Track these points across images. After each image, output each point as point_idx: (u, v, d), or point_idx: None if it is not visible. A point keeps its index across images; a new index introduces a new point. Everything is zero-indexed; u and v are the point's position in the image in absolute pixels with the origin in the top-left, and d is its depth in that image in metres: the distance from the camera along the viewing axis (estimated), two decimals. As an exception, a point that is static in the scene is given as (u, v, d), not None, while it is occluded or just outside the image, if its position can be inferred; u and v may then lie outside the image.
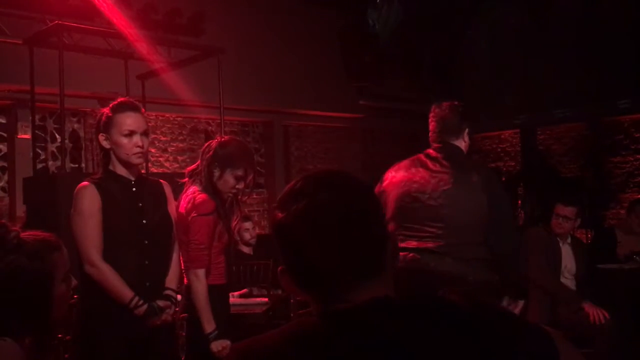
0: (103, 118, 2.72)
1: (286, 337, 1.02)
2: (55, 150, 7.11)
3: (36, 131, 6.22)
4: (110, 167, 2.75)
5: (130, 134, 2.68)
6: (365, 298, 1.03)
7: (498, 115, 10.47)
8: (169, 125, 7.98)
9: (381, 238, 1.11)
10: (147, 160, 6.88)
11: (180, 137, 8.11)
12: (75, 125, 7.38)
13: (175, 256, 2.85)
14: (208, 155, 2.94)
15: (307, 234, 1.07)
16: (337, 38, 8.95)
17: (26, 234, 1.79)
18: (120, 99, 2.79)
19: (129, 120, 2.69)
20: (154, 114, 7.58)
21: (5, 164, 6.87)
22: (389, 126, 10.29)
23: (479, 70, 10.49)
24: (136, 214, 2.71)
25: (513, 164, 10.97)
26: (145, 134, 2.74)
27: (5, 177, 6.86)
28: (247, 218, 5.69)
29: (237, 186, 2.96)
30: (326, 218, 1.07)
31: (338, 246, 1.06)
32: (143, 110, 2.81)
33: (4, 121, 6.87)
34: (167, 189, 2.93)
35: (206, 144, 3.03)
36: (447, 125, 3.10)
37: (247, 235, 5.65)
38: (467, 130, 3.14)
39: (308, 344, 1.00)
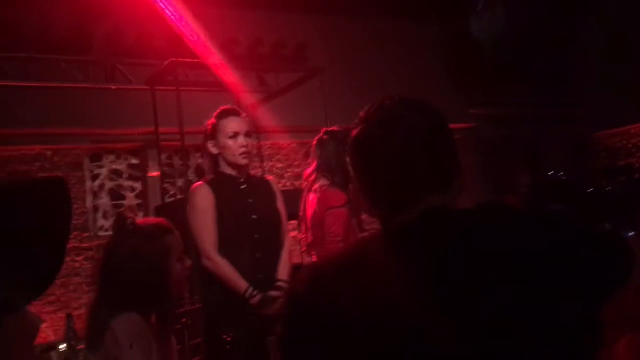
0: (209, 126, 2.95)
1: (352, 254, 1.10)
2: (182, 184, 7.65)
3: (164, 168, 6.76)
4: (220, 169, 2.96)
5: (235, 135, 2.90)
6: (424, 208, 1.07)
7: (624, 108, 9.87)
8: (283, 152, 8.33)
9: (447, 159, 1.14)
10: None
11: (295, 163, 8.42)
12: (199, 160, 7.90)
13: (285, 250, 2.97)
14: (332, 147, 2.99)
15: (381, 144, 1.13)
16: (441, 49, 8.94)
17: (141, 220, 2.01)
18: (222, 107, 3.01)
19: (232, 124, 2.92)
20: (268, 143, 7.95)
21: (140, 201, 7.49)
22: (503, 133, 10.02)
23: (597, 62, 9.98)
24: (246, 209, 2.89)
25: (646, 159, 10.25)
26: (248, 134, 2.95)
27: (141, 214, 7.46)
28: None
29: None
30: (395, 132, 1.13)
31: (404, 159, 1.11)
32: (242, 114, 3.02)
33: (137, 162, 7.52)
34: (276, 186, 3.10)
35: (315, 141, 3.10)
36: None
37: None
38: None
39: (371, 257, 1.07)
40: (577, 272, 0.99)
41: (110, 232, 6.90)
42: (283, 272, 2.91)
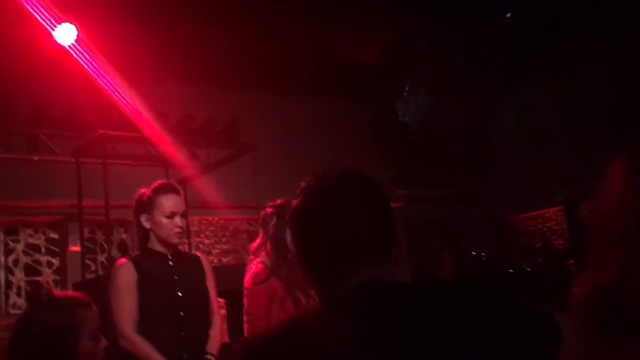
0: (144, 199, 2.86)
1: (288, 325, 1.08)
2: (104, 260, 7.36)
3: (85, 243, 6.50)
4: (149, 245, 2.87)
5: (172, 215, 2.82)
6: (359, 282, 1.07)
7: (538, 194, 10.41)
8: (212, 229, 8.21)
9: (385, 231, 1.15)
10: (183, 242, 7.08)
11: (224, 239, 8.31)
12: (123, 235, 7.67)
13: (214, 328, 2.87)
14: (274, 222, 2.91)
15: (319, 215, 1.14)
16: (370, 130, 9.24)
17: (58, 292, 1.91)
18: (160, 182, 2.94)
19: (171, 202, 2.83)
20: (197, 218, 7.83)
21: (57, 278, 7.13)
22: (427, 213, 10.30)
23: (513, 151, 10.55)
24: (171, 286, 2.78)
25: (561, 241, 10.73)
26: (184, 215, 2.89)
27: (58, 289, 7.08)
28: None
29: None
30: (334, 204, 1.13)
31: (342, 231, 1.12)
32: (182, 193, 2.97)
33: (56, 236, 7.21)
34: (205, 262, 3.01)
35: (263, 214, 3.05)
36: None
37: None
38: None
39: (307, 328, 1.05)
40: (507, 345, 1.01)
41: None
42: (212, 347, 2.80)
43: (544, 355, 1.04)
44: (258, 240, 3.03)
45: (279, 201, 3.01)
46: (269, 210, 3.00)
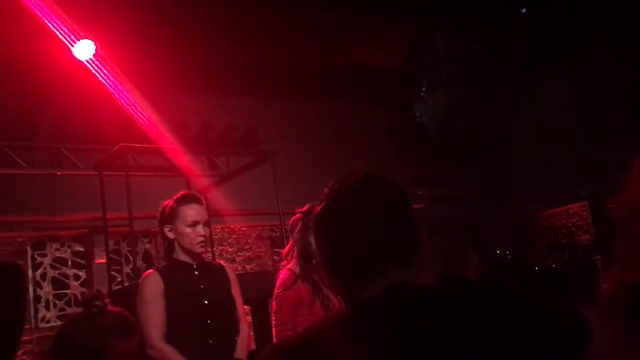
0: (167, 210, 2.90)
1: (315, 330, 1.08)
2: (130, 271, 7.43)
3: (111, 255, 6.57)
4: (174, 256, 2.91)
5: (194, 224, 2.86)
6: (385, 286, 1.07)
7: (561, 189, 10.28)
8: (234, 236, 8.24)
9: (409, 234, 1.14)
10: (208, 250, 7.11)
11: (247, 247, 8.33)
12: (147, 246, 7.73)
13: (242, 334, 2.90)
14: (298, 227, 2.95)
15: (342, 220, 1.14)
16: (389, 131, 9.23)
17: (114, 309, 1.82)
18: (182, 192, 2.99)
19: (193, 212, 2.87)
20: (219, 227, 7.87)
21: (84, 290, 7.21)
22: (449, 213, 10.24)
23: (533, 146, 10.45)
24: (198, 295, 2.82)
25: (587, 237, 10.59)
26: (207, 224, 2.92)
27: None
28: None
29: None
30: (357, 209, 1.13)
31: (366, 236, 1.11)
32: (204, 202, 3.00)
33: (81, 249, 7.30)
34: (231, 272, 3.05)
35: (291, 221, 3.09)
36: None
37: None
38: None
39: (334, 333, 1.05)
40: (536, 346, 1.01)
41: (52, 324, 6.52)
42: (240, 352, 2.84)
43: (573, 354, 1.04)
44: (288, 246, 3.07)
45: (306, 207, 3.03)
46: (296, 216, 3.03)
